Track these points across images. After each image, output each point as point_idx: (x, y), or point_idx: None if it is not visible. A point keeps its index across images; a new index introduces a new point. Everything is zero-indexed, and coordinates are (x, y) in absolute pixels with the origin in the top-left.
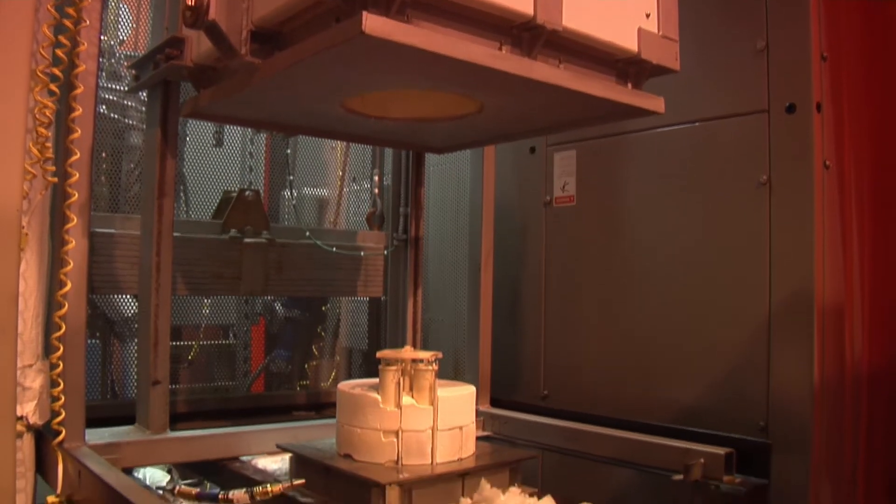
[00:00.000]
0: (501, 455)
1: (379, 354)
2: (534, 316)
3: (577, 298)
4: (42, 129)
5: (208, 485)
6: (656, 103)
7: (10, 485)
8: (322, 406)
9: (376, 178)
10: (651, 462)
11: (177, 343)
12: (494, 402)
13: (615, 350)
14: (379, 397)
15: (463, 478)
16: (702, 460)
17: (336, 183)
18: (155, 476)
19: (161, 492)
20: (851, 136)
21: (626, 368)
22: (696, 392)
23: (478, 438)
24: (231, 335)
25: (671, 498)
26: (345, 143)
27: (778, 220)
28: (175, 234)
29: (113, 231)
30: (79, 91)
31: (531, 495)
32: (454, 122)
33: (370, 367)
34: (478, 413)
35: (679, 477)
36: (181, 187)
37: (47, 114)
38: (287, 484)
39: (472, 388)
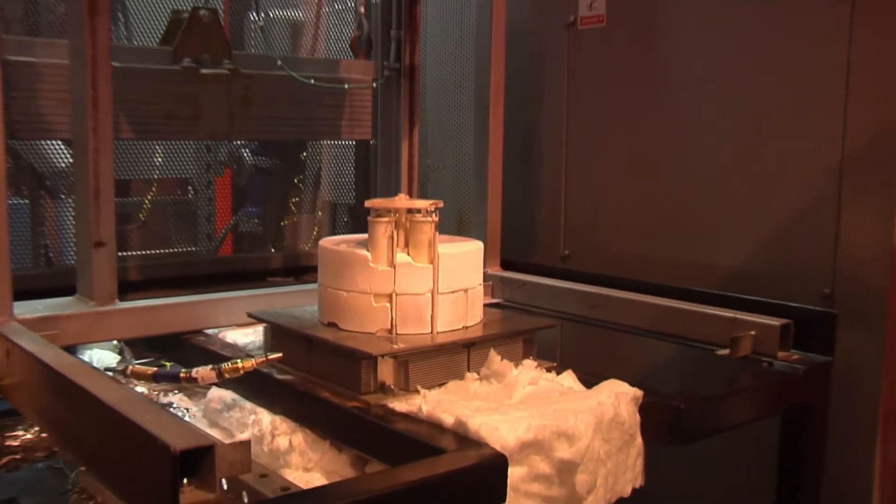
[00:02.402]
0: (514, 323)
1: (368, 203)
2: (553, 162)
3: (606, 141)
4: None
5: (168, 364)
6: None
7: None
8: (301, 270)
9: None
10: (690, 334)
11: (123, 200)
12: (505, 265)
13: (650, 203)
14: (368, 254)
15: (468, 349)
16: (752, 332)
17: (313, 0)
18: (104, 359)
19: (111, 374)
20: None
21: (662, 224)
22: (746, 252)
23: (486, 305)
24: (190, 190)
25: (713, 376)
26: None
27: (860, 43)
28: (114, 63)
29: (34, 59)
30: None
31: (548, 370)
32: None
33: (358, 224)
34: (486, 276)
35: (724, 352)
36: (118, 6)
37: None
38: (261, 359)
39: (478, 244)
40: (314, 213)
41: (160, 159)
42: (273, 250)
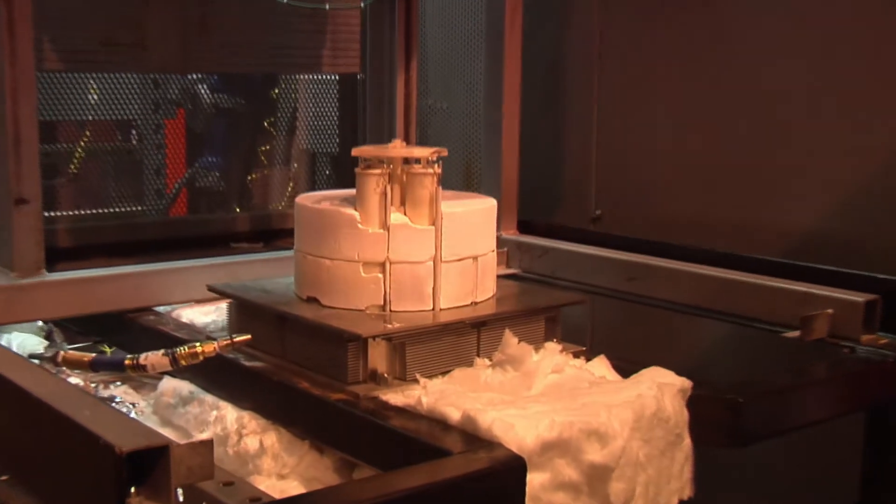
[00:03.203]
0: (534, 299)
1: (355, 152)
2: (582, 101)
3: (649, 76)
4: None
5: (108, 349)
6: None
7: None
8: (273, 234)
9: None
10: (751, 311)
11: (50, 147)
12: (523, 227)
13: (703, 152)
14: (356, 214)
15: (478, 330)
16: (829, 311)
17: None
18: (27, 344)
19: (37, 362)
20: None
21: (717, 179)
22: (822, 214)
23: (499, 276)
24: (134, 135)
25: (780, 364)
26: None
27: None
28: None
29: None
30: None
31: (576, 356)
32: None
33: (343, 178)
34: (499, 241)
35: (793, 334)
36: None
37: None
38: (225, 341)
39: (491, 202)
40: (289, 165)
41: (95, 97)
42: (238, 210)
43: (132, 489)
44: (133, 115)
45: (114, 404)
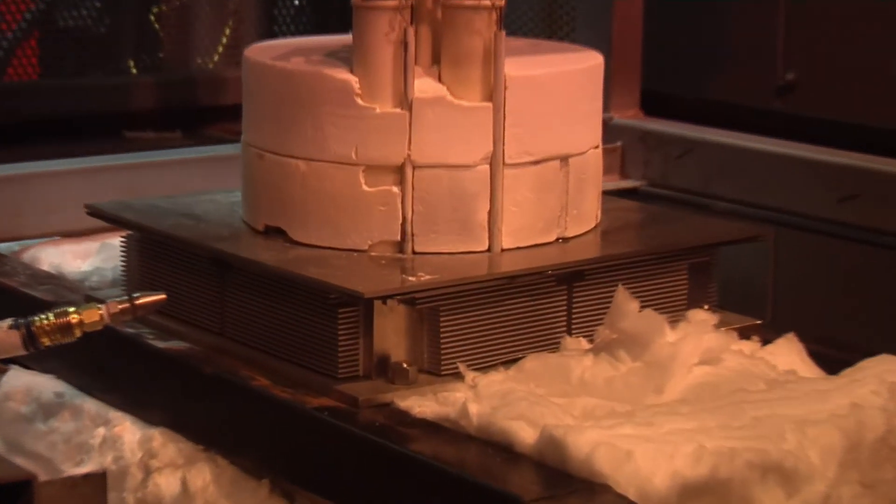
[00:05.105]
0: (670, 233)
1: None
2: None
3: None
4: None
5: None
6: None
7: None
8: (199, 116)
9: None
10: None
11: None
12: (652, 106)
13: None
14: (353, 79)
15: (569, 287)
16: None
17: None
18: None
19: None
20: None
21: None
22: None
23: (607, 192)
24: None
25: None
26: None
27: None
28: None
29: None
30: None
31: (743, 334)
32: None
33: (324, 17)
34: (610, 130)
35: None
36: None
37: None
38: (120, 304)
39: (593, 59)
40: None
41: None
42: (134, 70)
43: None
44: None
45: None
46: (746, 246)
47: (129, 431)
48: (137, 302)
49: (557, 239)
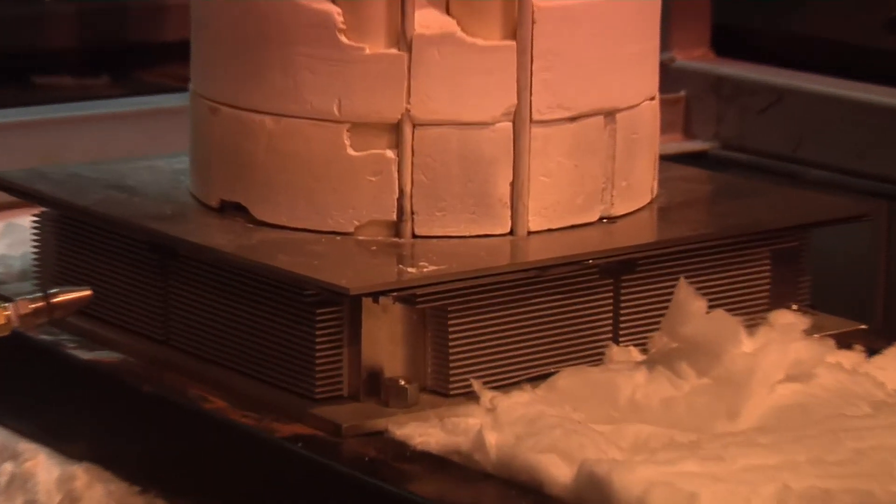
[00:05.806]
0: (748, 210)
1: None
2: None
3: None
4: None
5: None
6: None
7: None
8: (129, 54)
9: None
10: None
11: None
12: (725, 44)
13: None
14: (336, 9)
15: (615, 278)
16: None
17: None
18: None
19: None
20: None
21: None
22: None
23: (668, 158)
24: None
25: None
26: None
27: None
28: None
29: None
30: None
31: (841, 343)
32: None
33: None
34: (670, 74)
35: None
36: None
37: None
38: (30, 304)
39: None
40: None
41: None
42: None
43: None
44: None
45: None
46: (849, 227)
47: (44, 468)
48: (55, 300)
49: (601, 219)
